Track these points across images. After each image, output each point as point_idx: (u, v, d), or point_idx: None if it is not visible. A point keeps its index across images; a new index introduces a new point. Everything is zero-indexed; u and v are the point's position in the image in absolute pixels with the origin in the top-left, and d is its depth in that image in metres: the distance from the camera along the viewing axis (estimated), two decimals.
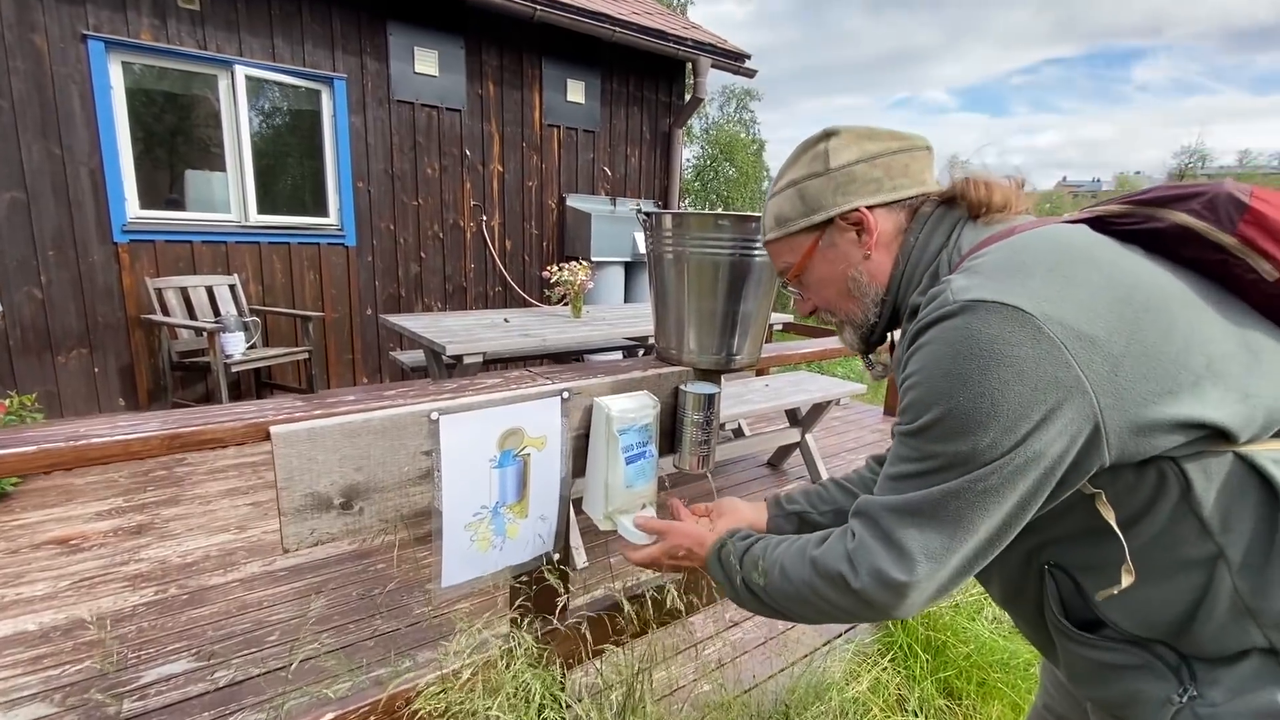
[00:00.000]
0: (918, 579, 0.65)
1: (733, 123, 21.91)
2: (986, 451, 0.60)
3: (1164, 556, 0.63)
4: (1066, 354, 0.58)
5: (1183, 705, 0.64)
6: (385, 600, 2.16)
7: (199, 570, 2.33)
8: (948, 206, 0.76)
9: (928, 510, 0.65)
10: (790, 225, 0.81)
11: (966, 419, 0.60)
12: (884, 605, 0.68)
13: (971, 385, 0.60)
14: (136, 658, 1.87)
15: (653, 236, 1.22)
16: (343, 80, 4.47)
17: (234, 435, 0.79)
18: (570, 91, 5.50)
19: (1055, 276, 0.61)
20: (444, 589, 1.01)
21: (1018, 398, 0.58)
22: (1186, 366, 0.59)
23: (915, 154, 0.78)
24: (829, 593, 0.72)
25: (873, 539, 0.69)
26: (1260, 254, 0.61)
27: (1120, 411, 0.58)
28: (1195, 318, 0.62)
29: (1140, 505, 0.63)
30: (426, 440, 0.92)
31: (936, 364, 0.63)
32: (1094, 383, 0.58)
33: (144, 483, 3.06)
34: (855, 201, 0.77)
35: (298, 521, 0.84)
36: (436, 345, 2.65)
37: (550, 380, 1.10)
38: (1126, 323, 0.59)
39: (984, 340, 0.59)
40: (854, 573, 0.69)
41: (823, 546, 0.75)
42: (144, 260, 3.96)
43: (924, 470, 0.65)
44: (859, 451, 3.89)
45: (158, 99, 4.10)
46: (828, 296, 0.84)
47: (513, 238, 5.46)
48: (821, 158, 0.78)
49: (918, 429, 0.65)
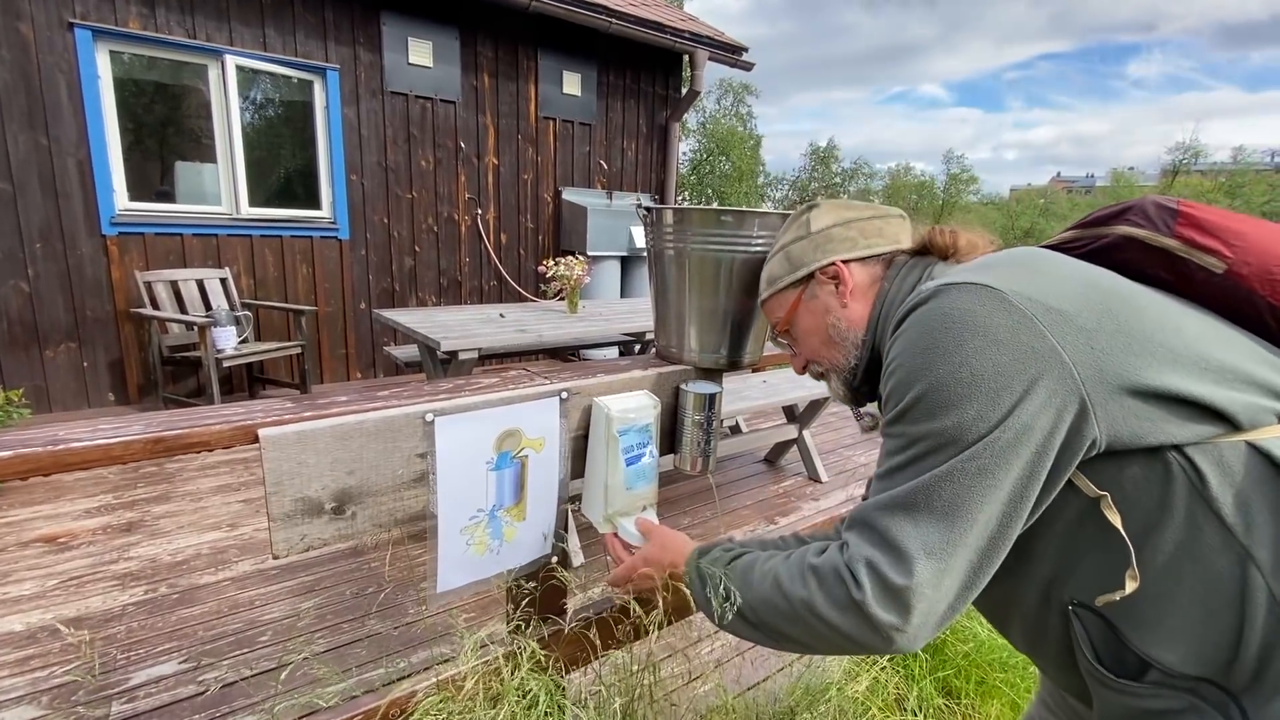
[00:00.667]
0: (920, 582, 0.60)
1: (730, 117, 21.84)
2: (973, 425, 0.59)
3: (1194, 569, 0.59)
4: (1039, 325, 0.58)
5: None
6: (380, 600, 2.13)
7: (190, 569, 2.30)
8: (919, 256, 0.82)
9: (920, 500, 0.61)
10: (778, 283, 0.91)
11: (947, 391, 0.60)
12: (888, 625, 0.61)
13: (949, 356, 0.60)
14: (126, 658, 1.84)
15: (653, 232, 1.19)
16: (335, 71, 4.41)
17: (220, 438, 0.76)
18: (566, 84, 5.45)
19: (1020, 268, 0.65)
20: (439, 594, 0.99)
21: (995, 365, 0.58)
22: (1164, 344, 0.59)
23: (889, 220, 0.86)
24: (827, 610, 0.66)
25: (867, 542, 0.65)
26: (1203, 250, 0.64)
27: (1102, 384, 0.58)
28: (1164, 307, 0.63)
29: (1152, 505, 0.60)
30: (421, 442, 0.89)
31: (912, 344, 0.64)
32: (1070, 353, 0.58)
33: (134, 479, 3.02)
34: (831, 256, 0.85)
35: (288, 527, 0.81)
36: (431, 341, 2.61)
37: (548, 380, 1.07)
38: (1095, 303, 0.60)
39: (956, 314, 0.61)
40: (853, 580, 0.64)
41: (822, 556, 0.70)
42: (133, 253, 3.90)
43: (912, 457, 0.63)
44: (855, 448, 3.88)
45: (147, 89, 4.03)
46: (813, 346, 0.90)
47: (508, 231, 5.41)
48: (804, 224, 0.88)
49: (900, 412, 0.65)
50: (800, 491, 3.23)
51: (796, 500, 3.12)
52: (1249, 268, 0.63)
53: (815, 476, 3.36)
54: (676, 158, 6.37)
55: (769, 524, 2.86)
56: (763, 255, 1.12)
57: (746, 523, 2.87)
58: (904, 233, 0.86)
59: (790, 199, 27.50)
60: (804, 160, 27.37)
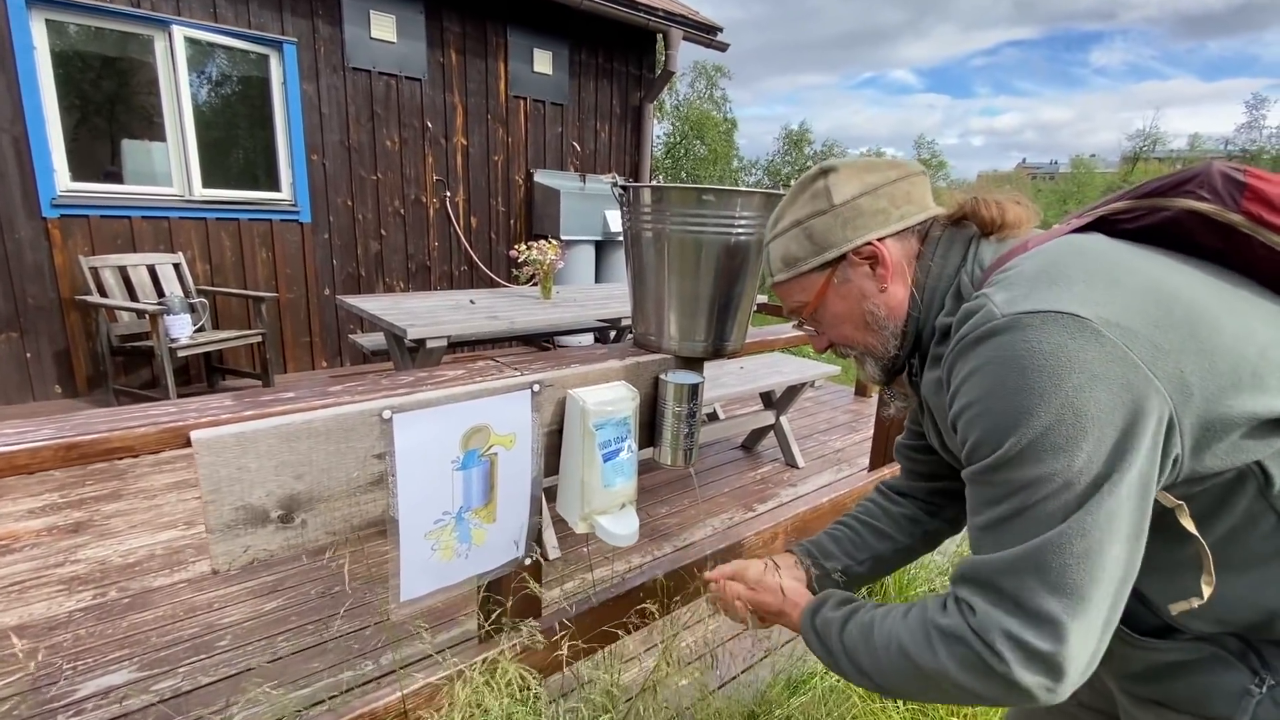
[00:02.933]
0: (1069, 647, 0.56)
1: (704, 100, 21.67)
2: (1087, 469, 0.55)
3: (1239, 552, 0.60)
4: (1131, 355, 0.55)
5: (1263, 695, 0.62)
6: (346, 598, 2.05)
7: (142, 571, 2.18)
8: (957, 227, 0.75)
9: (1052, 559, 0.56)
10: (800, 265, 0.80)
11: (1054, 435, 0.56)
12: (1038, 686, 0.58)
13: (1049, 399, 0.55)
14: (72, 669, 1.73)
15: (630, 212, 1.12)
16: (293, 45, 4.20)
17: (146, 443, 0.67)
18: (537, 62, 5.29)
19: (1097, 281, 0.59)
20: (403, 603, 0.92)
21: (1098, 404, 0.55)
22: (1244, 356, 0.57)
23: (914, 180, 0.77)
24: (963, 677, 0.61)
25: (999, 609, 0.59)
26: (1269, 228, 0.60)
27: (1191, 411, 0.56)
28: (1232, 309, 0.60)
29: (1212, 504, 0.60)
30: (378, 442, 0.81)
31: (1001, 385, 0.58)
32: (1163, 381, 0.55)
33: (83, 477, 2.86)
34: (866, 235, 0.75)
35: (228, 538, 0.73)
36: (397, 329, 2.51)
37: (519, 371, 1.00)
38: (1177, 320, 0.57)
39: (1047, 351, 0.56)
40: (991, 653, 0.59)
41: (947, 617, 0.64)
42: (77, 237, 3.68)
43: (1022, 506, 0.58)
44: (831, 433, 3.88)
45: (91, 62, 3.79)
46: (845, 333, 0.82)
47: (479, 215, 5.27)
48: (824, 195, 0.77)
49: (1000, 461, 0.59)
50: (778, 478, 3.21)
51: (774, 487, 3.10)
52: None
53: (792, 462, 3.34)
54: (651, 140, 6.26)
55: (747, 511, 2.84)
56: (746, 237, 1.06)
57: (724, 511, 2.84)
58: (929, 193, 0.79)
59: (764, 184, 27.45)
60: (777, 144, 27.29)
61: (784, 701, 1.77)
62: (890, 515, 0.97)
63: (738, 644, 2.02)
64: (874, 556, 0.95)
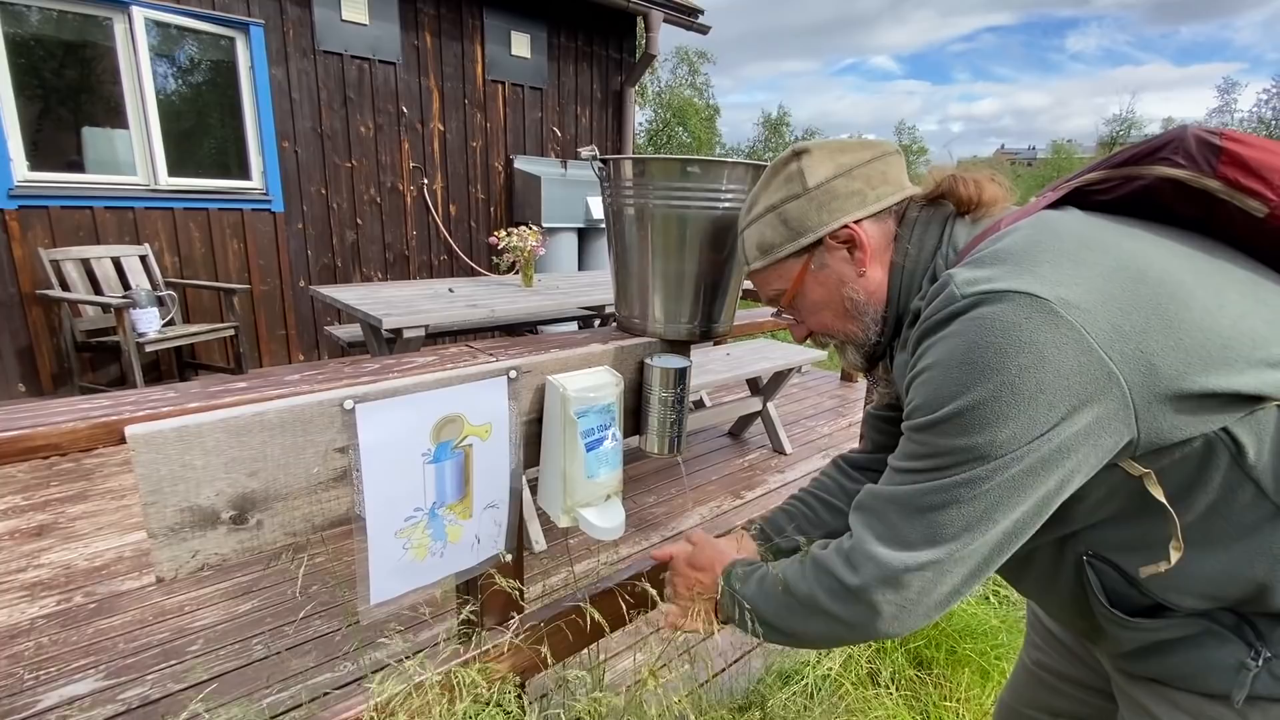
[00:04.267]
0: (925, 575, 0.60)
1: (685, 86, 21.50)
2: (1008, 443, 0.57)
3: (1222, 526, 0.60)
4: (1089, 339, 0.55)
5: (1260, 669, 0.62)
6: (324, 597, 1.98)
7: (109, 575, 2.09)
8: (933, 206, 0.74)
9: (940, 501, 0.60)
10: (776, 252, 0.78)
11: (985, 409, 0.57)
12: (884, 609, 0.62)
13: (990, 375, 0.56)
14: (34, 678, 1.65)
15: (611, 187, 1.06)
16: (260, 27, 4.04)
17: (75, 440, 0.60)
18: (515, 45, 5.16)
19: (1062, 262, 0.59)
20: (373, 606, 0.86)
21: (1039, 384, 0.55)
22: (1213, 330, 0.56)
23: (889, 159, 0.76)
24: (828, 601, 0.67)
25: (872, 535, 0.65)
26: (1246, 192, 0.59)
27: (1151, 392, 0.56)
28: (1206, 281, 0.60)
29: (1188, 476, 0.60)
30: (340, 434, 0.75)
31: (950, 357, 0.59)
32: (1120, 364, 0.55)
33: (47, 477, 2.75)
34: (842, 218, 0.74)
35: (174, 543, 0.67)
36: (373, 319, 2.42)
37: (494, 357, 0.94)
38: (1142, 300, 0.57)
39: (999, 328, 0.56)
40: (850, 569, 0.64)
41: (825, 550, 0.71)
42: (37, 228, 3.53)
43: (936, 466, 0.61)
44: (818, 418, 3.86)
45: (50, 47, 3.62)
46: (824, 320, 0.80)
47: (457, 202, 5.15)
48: (797, 178, 0.75)
49: (931, 423, 0.61)
50: (765, 464, 3.18)
51: (762, 474, 3.07)
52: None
53: (780, 449, 3.31)
54: (633, 125, 6.16)
55: (735, 499, 2.80)
56: (735, 211, 1.00)
57: (712, 499, 2.80)
58: (905, 172, 0.77)
59: None
60: (759, 130, 27.19)
61: (774, 693, 1.74)
62: (846, 491, 0.97)
63: (723, 637, 1.98)
64: (828, 532, 0.96)
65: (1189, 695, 0.68)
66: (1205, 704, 0.66)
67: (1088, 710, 0.92)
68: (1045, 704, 0.97)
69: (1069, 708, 0.94)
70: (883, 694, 1.73)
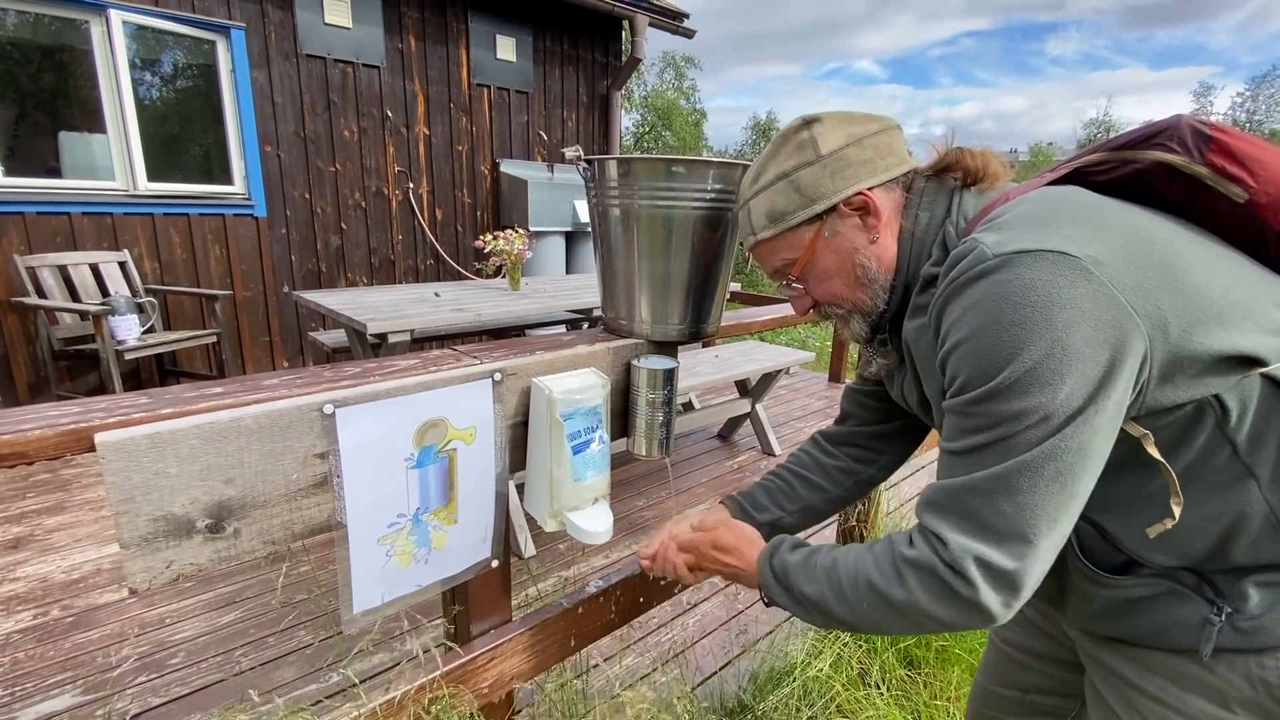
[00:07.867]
0: (1030, 564, 0.60)
1: (672, 90, 21.56)
2: (1068, 402, 0.57)
3: (1199, 484, 0.63)
4: (1116, 293, 0.57)
5: (1223, 623, 0.64)
6: (309, 606, 1.95)
7: (88, 587, 2.04)
8: (939, 178, 0.75)
9: (1023, 480, 0.59)
10: (788, 219, 0.76)
11: (1043, 368, 0.57)
12: (997, 608, 0.62)
13: (1041, 334, 0.56)
14: (10, 695, 1.61)
15: (596, 188, 1.05)
16: (241, 30, 4.00)
17: (42, 448, 0.58)
18: (500, 49, 5.15)
19: (1083, 223, 0.61)
20: (357, 615, 0.84)
21: (1085, 339, 0.56)
22: (1210, 296, 0.59)
23: (892, 133, 0.77)
24: (932, 607, 0.64)
25: (969, 538, 0.61)
26: (1230, 179, 0.63)
27: (1164, 345, 0.58)
28: (1198, 254, 0.63)
29: (1175, 438, 0.63)
30: (320, 440, 0.73)
31: (995, 321, 0.59)
32: (1143, 319, 0.57)
33: (23, 489, 2.69)
34: (856, 185, 0.73)
35: (148, 553, 0.65)
36: (357, 323, 2.40)
37: (479, 359, 0.92)
38: (1156, 261, 0.59)
39: (1039, 287, 0.57)
40: (963, 580, 0.61)
41: (914, 549, 0.66)
42: (12, 235, 3.46)
43: (1002, 436, 0.60)
44: (807, 419, 3.86)
45: (25, 50, 3.55)
46: (834, 289, 0.79)
47: (443, 206, 5.12)
48: (809, 145, 0.74)
49: (989, 392, 0.59)
50: (754, 466, 3.18)
51: (752, 475, 3.07)
52: (1268, 198, 0.63)
53: (769, 450, 3.31)
54: (619, 128, 6.16)
55: None
56: (720, 210, 1.00)
57: (702, 501, 2.79)
58: (905, 146, 0.78)
59: None
60: (745, 134, 27.31)
61: (765, 695, 1.73)
62: (823, 467, 0.98)
63: (714, 640, 1.97)
64: (804, 507, 0.97)
65: (1157, 653, 0.70)
66: (1173, 660, 0.69)
67: (1055, 684, 0.95)
68: (1014, 680, 0.99)
69: (1037, 681, 0.96)
70: (873, 694, 1.72)
